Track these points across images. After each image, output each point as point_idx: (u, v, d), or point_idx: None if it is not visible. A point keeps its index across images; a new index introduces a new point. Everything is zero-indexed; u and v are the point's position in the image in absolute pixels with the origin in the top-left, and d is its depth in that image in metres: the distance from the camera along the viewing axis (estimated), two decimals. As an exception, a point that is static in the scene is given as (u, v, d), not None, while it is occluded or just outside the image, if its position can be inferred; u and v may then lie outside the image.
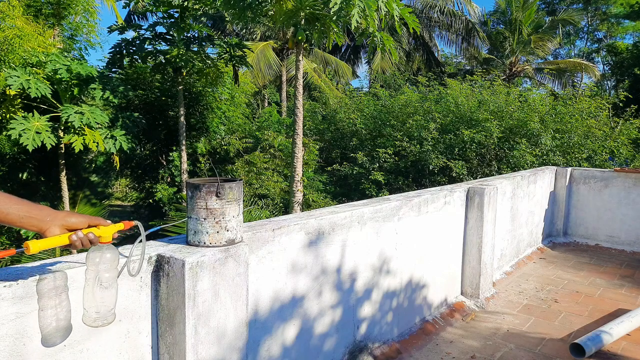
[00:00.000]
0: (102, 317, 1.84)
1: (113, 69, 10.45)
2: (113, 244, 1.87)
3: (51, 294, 1.81)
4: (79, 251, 2.71)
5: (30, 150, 8.49)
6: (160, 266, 2.25)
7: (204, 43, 10.90)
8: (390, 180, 12.71)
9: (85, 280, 1.80)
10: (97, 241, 1.75)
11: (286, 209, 10.84)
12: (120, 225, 1.87)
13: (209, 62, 10.75)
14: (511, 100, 12.85)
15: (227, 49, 10.90)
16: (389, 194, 7.34)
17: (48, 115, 9.02)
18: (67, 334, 1.86)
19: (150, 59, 10.73)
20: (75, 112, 8.77)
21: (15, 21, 9.37)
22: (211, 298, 2.24)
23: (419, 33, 15.74)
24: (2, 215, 1.61)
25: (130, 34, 10.70)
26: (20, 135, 8.39)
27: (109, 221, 1.82)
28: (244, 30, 23.36)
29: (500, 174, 11.18)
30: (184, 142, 10.85)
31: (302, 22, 9.17)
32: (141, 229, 2.04)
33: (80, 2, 10.79)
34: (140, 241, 2.15)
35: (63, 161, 9.66)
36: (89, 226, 1.74)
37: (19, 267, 1.93)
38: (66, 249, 1.77)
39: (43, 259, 2.67)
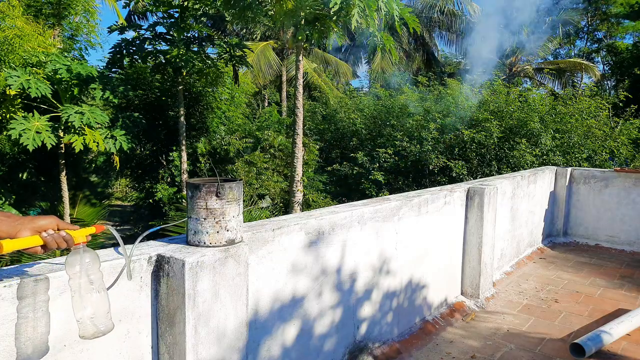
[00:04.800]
0: (98, 324, 1.76)
1: (113, 69, 10.41)
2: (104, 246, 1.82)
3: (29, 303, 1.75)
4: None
5: (31, 150, 8.45)
6: (160, 266, 2.24)
7: (204, 43, 10.88)
8: (390, 180, 12.69)
9: (70, 291, 1.73)
10: (72, 241, 1.69)
11: (286, 209, 10.84)
12: (92, 229, 1.81)
13: (209, 62, 10.71)
14: (511, 100, 12.81)
15: (227, 49, 10.88)
16: (389, 194, 7.34)
17: (48, 115, 8.99)
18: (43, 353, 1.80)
19: (150, 59, 10.69)
20: (75, 112, 8.73)
21: (16, 21, 9.34)
22: (211, 298, 2.24)
23: (419, 33, 15.75)
24: None
25: (130, 34, 10.69)
26: (20, 135, 8.36)
27: (77, 226, 1.77)
28: (244, 30, 23.31)
29: (500, 174, 11.15)
30: (184, 142, 10.84)
31: (302, 22, 9.14)
32: (115, 233, 2.00)
33: (80, 2, 10.76)
34: (141, 241, 2.19)
35: (63, 161, 9.63)
36: (58, 229, 1.70)
37: (19, 267, 1.90)
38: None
39: (43, 259, 2.66)
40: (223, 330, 2.31)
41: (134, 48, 10.22)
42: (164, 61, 10.70)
